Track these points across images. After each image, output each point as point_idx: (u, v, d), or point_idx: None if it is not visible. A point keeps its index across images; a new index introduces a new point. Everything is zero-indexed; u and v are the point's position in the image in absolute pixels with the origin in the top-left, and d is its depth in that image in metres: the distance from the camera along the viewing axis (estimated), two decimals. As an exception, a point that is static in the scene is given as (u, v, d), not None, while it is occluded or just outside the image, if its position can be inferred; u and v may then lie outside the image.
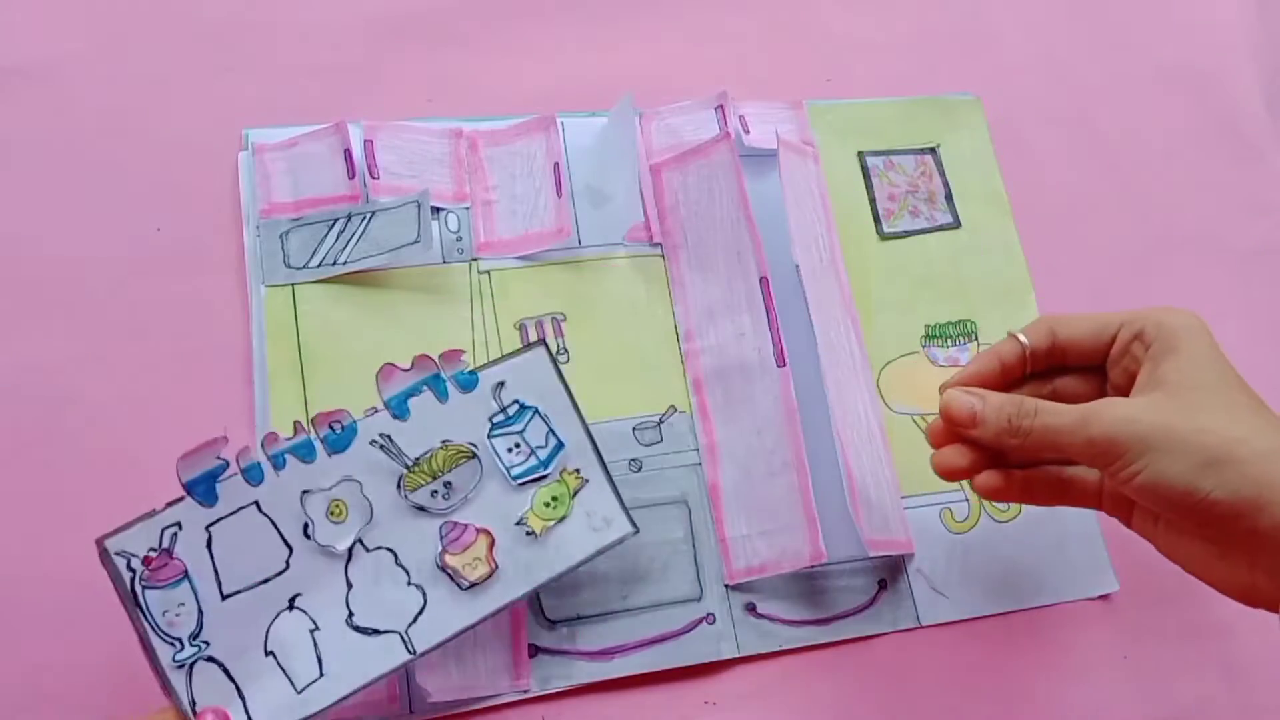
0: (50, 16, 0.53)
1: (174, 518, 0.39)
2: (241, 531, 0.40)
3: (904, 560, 0.50)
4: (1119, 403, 0.38)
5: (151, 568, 0.39)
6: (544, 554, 0.43)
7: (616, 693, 0.46)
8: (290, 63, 0.54)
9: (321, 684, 0.40)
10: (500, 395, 0.44)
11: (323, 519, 0.41)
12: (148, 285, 0.49)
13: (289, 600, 0.40)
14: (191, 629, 0.39)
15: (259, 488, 0.40)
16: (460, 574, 0.42)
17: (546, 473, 0.44)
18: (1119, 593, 0.52)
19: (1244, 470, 0.34)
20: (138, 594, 0.38)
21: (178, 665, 0.38)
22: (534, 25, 0.58)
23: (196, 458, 0.39)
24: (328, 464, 0.41)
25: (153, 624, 0.38)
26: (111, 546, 0.39)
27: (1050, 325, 0.42)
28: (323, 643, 0.40)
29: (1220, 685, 0.51)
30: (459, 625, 0.41)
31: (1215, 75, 0.66)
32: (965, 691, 0.49)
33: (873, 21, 0.63)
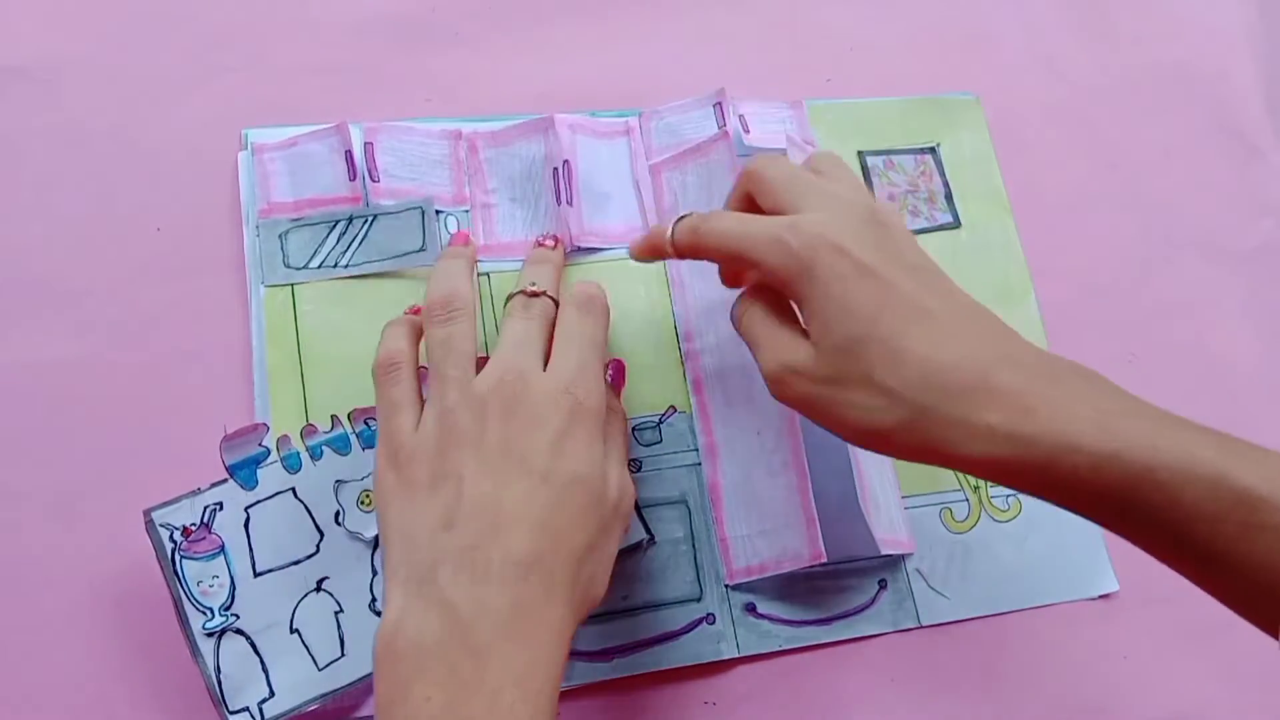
0: (50, 16, 0.53)
1: (216, 497, 0.42)
2: (277, 515, 0.43)
3: (904, 560, 0.50)
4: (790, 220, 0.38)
5: (190, 539, 0.42)
6: None
7: (616, 693, 0.46)
8: (290, 63, 0.54)
9: (342, 664, 0.42)
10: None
11: (354, 507, 0.43)
12: (148, 285, 0.49)
13: (317, 582, 0.43)
14: (223, 600, 0.42)
15: (296, 475, 0.43)
16: None
17: None
18: (1119, 593, 0.52)
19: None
20: (176, 563, 0.41)
21: (207, 633, 0.41)
22: (534, 25, 0.58)
23: (239, 442, 0.43)
24: (361, 457, 0.44)
25: (187, 592, 0.41)
26: (158, 518, 0.42)
27: (696, 228, 0.41)
28: (346, 625, 0.42)
29: (1220, 685, 0.51)
30: None
31: (1215, 75, 0.66)
32: (965, 691, 0.49)
33: (873, 21, 0.63)
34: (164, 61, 0.53)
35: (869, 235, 0.37)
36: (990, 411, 0.33)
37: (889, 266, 0.36)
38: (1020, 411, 0.33)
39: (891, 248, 0.37)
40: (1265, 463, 0.31)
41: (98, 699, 0.43)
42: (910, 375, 0.34)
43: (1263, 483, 0.30)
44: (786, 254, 0.37)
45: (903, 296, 0.35)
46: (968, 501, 0.52)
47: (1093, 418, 0.32)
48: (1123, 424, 0.32)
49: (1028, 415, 0.33)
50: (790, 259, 0.37)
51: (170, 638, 0.42)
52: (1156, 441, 0.31)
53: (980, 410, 0.33)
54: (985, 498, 0.53)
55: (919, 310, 0.35)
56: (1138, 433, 0.32)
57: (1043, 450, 0.32)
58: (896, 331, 0.35)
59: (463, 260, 0.44)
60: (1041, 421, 0.33)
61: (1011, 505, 0.53)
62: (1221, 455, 0.31)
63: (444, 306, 0.41)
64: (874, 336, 0.35)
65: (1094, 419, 0.32)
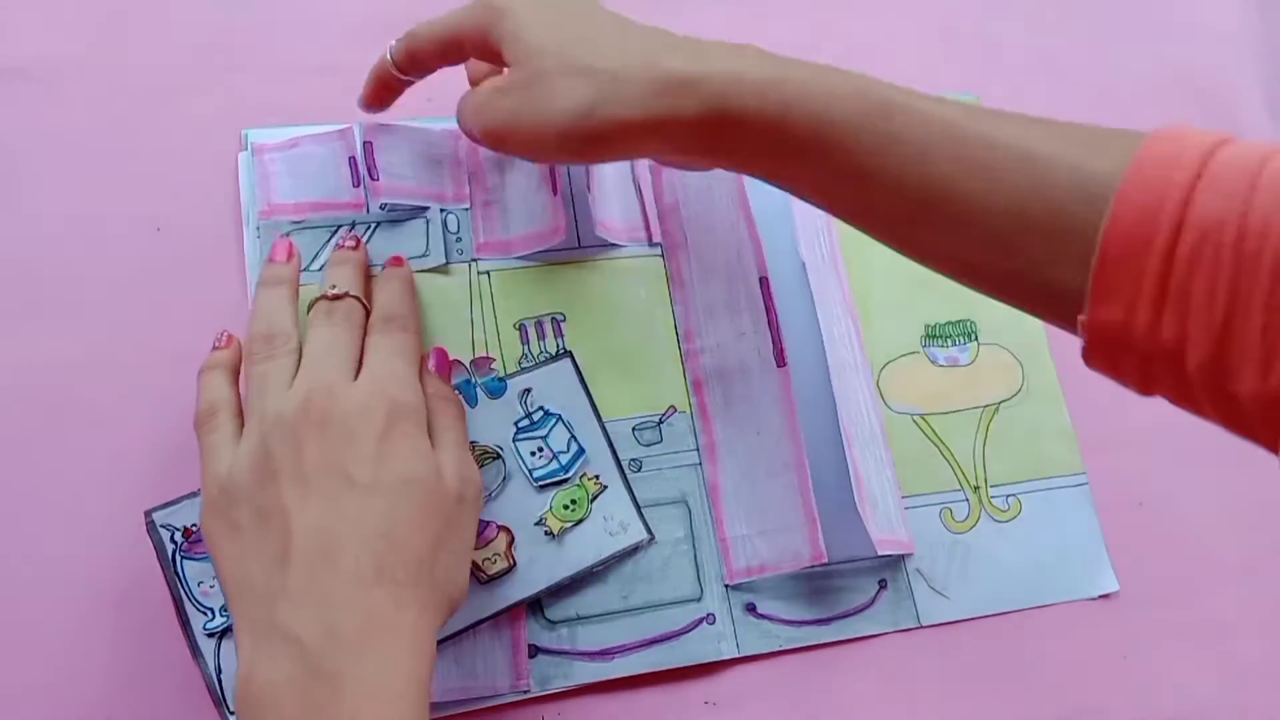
0: (50, 16, 0.53)
1: None
2: None
3: (904, 560, 0.50)
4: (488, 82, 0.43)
5: (191, 540, 0.42)
6: (561, 554, 0.45)
7: (616, 693, 0.46)
8: (290, 63, 0.54)
9: None
10: (526, 401, 0.46)
11: None
12: (148, 285, 0.49)
13: None
14: (223, 601, 0.41)
15: None
16: (480, 568, 0.44)
17: (567, 477, 0.46)
18: (1119, 593, 0.52)
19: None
20: (177, 564, 0.42)
21: (208, 634, 0.41)
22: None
23: None
24: None
25: (188, 592, 0.41)
26: (158, 519, 0.42)
27: (407, 42, 0.46)
28: None
29: (1220, 685, 0.51)
30: (476, 616, 0.43)
31: (1215, 75, 0.66)
32: (965, 691, 0.49)
33: (873, 21, 0.63)
34: (164, 61, 0.53)
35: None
36: (670, 58, 0.37)
37: (576, 5, 0.41)
38: (695, 56, 0.37)
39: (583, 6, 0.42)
40: (903, 88, 0.36)
41: (98, 699, 0.43)
42: (606, 49, 0.38)
43: (898, 94, 0.35)
44: (483, 5, 0.41)
45: (592, 11, 0.41)
46: (968, 501, 0.52)
47: (756, 58, 0.37)
48: (781, 63, 0.37)
49: (700, 57, 0.37)
50: (486, 9, 0.41)
51: (170, 638, 0.42)
52: (810, 72, 0.36)
53: (663, 58, 0.37)
54: (985, 498, 0.53)
55: (608, 16, 0.41)
56: (794, 66, 0.37)
57: (714, 87, 0.36)
58: (591, 27, 0.40)
59: (284, 288, 0.43)
60: (712, 61, 0.37)
61: (1011, 505, 0.53)
62: (866, 79, 0.36)
63: (265, 343, 0.40)
64: (570, 35, 0.39)
65: (757, 59, 0.37)
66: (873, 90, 0.35)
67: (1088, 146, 0.32)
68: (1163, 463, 0.55)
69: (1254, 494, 0.55)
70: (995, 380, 0.55)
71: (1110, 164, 0.31)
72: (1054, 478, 0.54)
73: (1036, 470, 0.54)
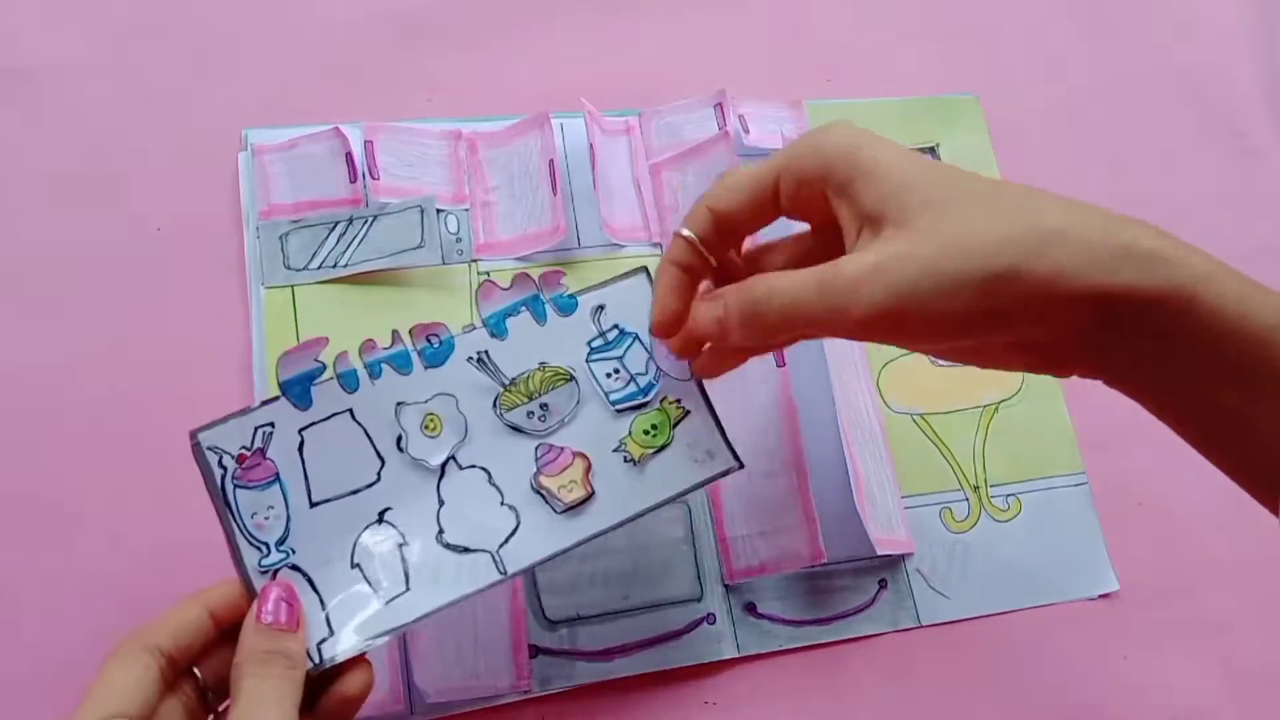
0: (50, 16, 0.53)
1: (268, 417, 0.38)
2: (334, 438, 0.39)
3: (904, 560, 0.51)
4: (852, 259, 0.32)
5: (245, 466, 0.38)
6: (643, 483, 0.41)
7: (616, 693, 0.46)
8: (290, 63, 0.54)
9: (408, 598, 0.38)
10: (600, 319, 0.42)
11: (417, 432, 0.40)
12: (148, 285, 0.49)
13: (378, 513, 0.39)
14: (279, 535, 0.38)
15: (354, 395, 0.39)
16: (556, 496, 0.40)
17: (646, 400, 0.42)
18: (1119, 593, 0.52)
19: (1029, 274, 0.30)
20: (228, 493, 0.38)
21: (262, 570, 0.37)
22: (533, 25, 0.58)
23: (294, 358, 0.39)
24: (424, 377, 0.40)
25: (240, 526, 0.38)
26: (204, 440, 0.38)
27: (706, 205, 0.37)
28: (411, 558, 0.39)
29: (1220, 685, 0.51)
30: (553, 549, 0.39)
31: (1215, 75, 0.66)
32: (965, 691, 0.49)
33: (873, 21, 0.63)
34: (164, 61, 0.53)
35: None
36: (1127, 231, 0.31)
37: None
38: (1155, 234, 0.31)
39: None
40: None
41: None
42: (1014, 196, 0.32)
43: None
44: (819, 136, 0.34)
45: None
46: (968, 501, 0.52)
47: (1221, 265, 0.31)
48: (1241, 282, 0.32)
49: (1163, 237, 0.31)
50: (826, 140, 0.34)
51: (170, 638, 0.42)
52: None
53: (1118, 231, 0.31)
54: (985, 497, 0.53)
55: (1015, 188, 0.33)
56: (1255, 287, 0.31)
57: (1195, 268, 0.30)
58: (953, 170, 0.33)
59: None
60: (1181, 251, 0.30)
61: (1011, 505, 0.53)
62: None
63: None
64: (951, 175, 0.32)
65: (1223, 266, 0.31)
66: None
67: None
68: (1163, 463, 0.55)
69: (1254, 494, 0.55)
70: (995, 380, 0.55)
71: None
72: (1054, 477, 0.54)
73: (1036, 470, 0.54)
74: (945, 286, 0.30)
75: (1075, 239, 0.30)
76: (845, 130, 0.34)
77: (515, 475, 0.40)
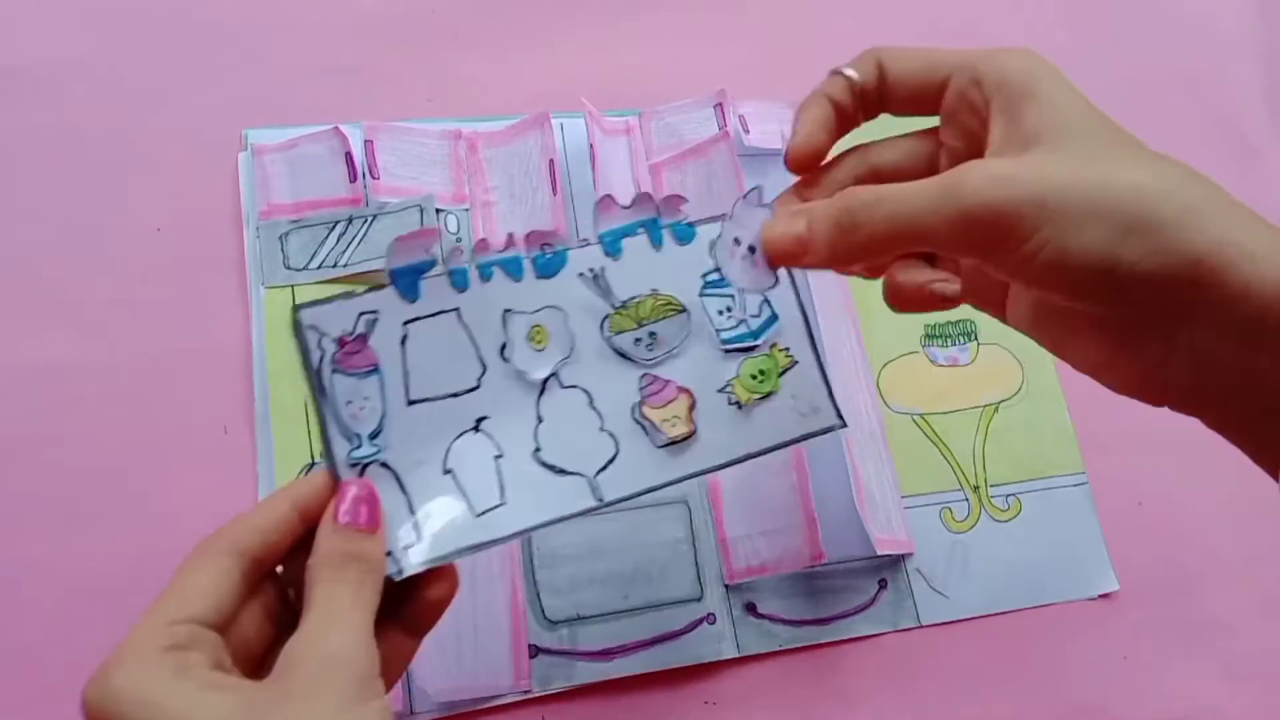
0: (50, 16, 0.53)
1: (373, 304, 0.36)
2: (439, 336, 0.37)
3: (904, 560, 0.51)
4: (989, 162, 0.30)
5: (345, 351, 0.36)
6: (747, 428, 0.39)
7: (616, 693, 0.46)
8: (290, 63, 0.54)
9: (501, 512, 0.36)
10: (717, 253, 0.40)
11: (522, 342, 0.38)
12: (148, 285, 0.49)
13: (475, 421, 0.37)
14: (372, 428, 0.36)
15: (463, 295, 0.37)
16: (658, 429, 0.38)
17: (756, 344, 0.40)
18: (1119, 593, 0.52)
19: (1178, 233, 0.27)
20: (324, 377, 0.36)
21: (352, 463, 0.35)
22: (533, 25, 0.58)
23: (408, 246, 0.37)
24: (534, 287, 0.38)
25: (335, 412, 0.36)
26: (306, 318, 0.36)
27: (878, 57, 0.35)
28: (506, 471, 0.37)
29: (1220, 685, 0.51)
30: (650, 482, 0.38)
31: (1215, 75, 0.66)
32: (965, 691, 0.49)
33: (873, 21, 0.63)
34: (164, 61, 0.53)
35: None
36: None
37: None
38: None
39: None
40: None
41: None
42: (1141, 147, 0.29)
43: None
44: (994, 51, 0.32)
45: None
46: (968, 501, 0.52)
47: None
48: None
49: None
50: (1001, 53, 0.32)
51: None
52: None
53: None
54: (985, 497, 0.53)
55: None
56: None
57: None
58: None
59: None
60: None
61: (1011, 505, 0.53)
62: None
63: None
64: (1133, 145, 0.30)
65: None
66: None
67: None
68: (1163, 463, 0.55)
69: (1254, 494, 0.55)
70: (995, 380, 0.55)
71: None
72: (1054, 478, 0.54)
73: (1036, 470, 0.54)
74: (1074, 211, 0.27)
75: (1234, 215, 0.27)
76: (1032, 56, 0.32)
77: (617, 402, 0.38)
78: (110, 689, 0.27)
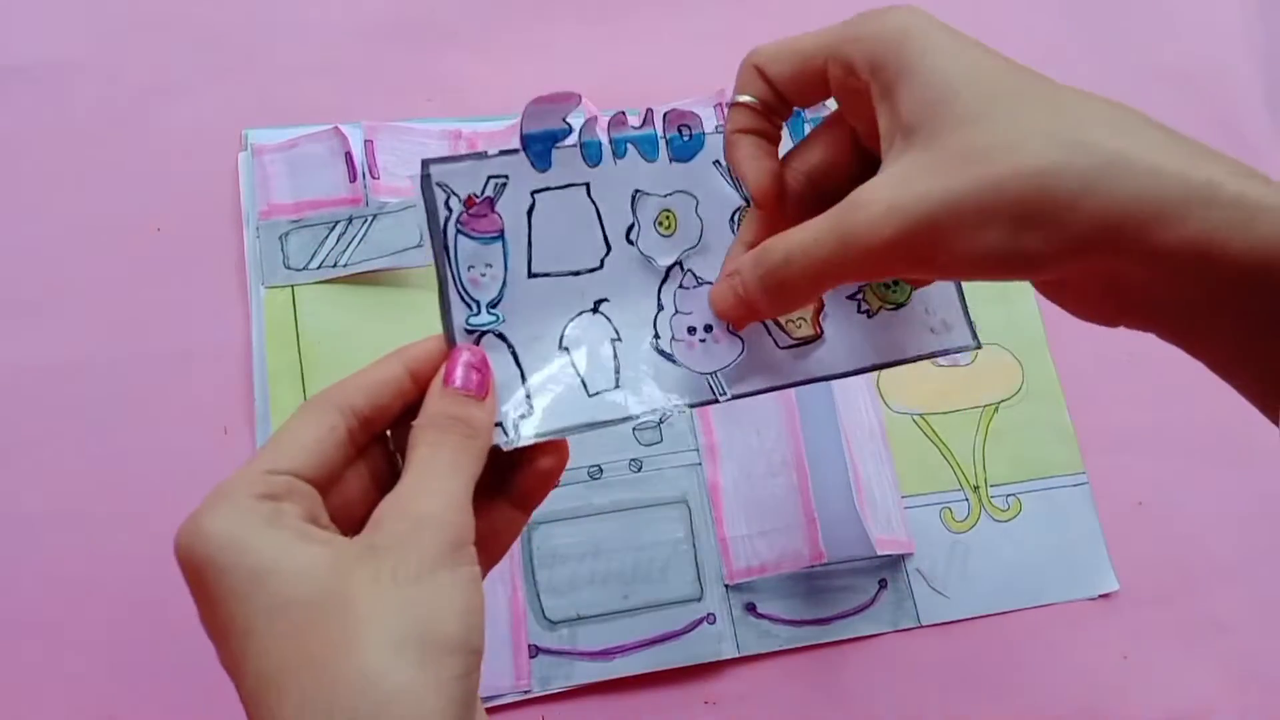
0: (50, 16, 0.53)
1: (503, 168, 0.35)
2: (566, 210, 0.36)
3: (904, 560, 0.51)
4: (873, 194, 0.28)
5: (472, 213, 0.35)
6: (875, 337, 0.37)
7: (616, 693, 0.46)
8: (290, 63, 0.54)
9: (616, 395, 0.35)
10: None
11: (650, 226, 0.37)
12: (148, 285, 0.49)
13: (595, 302, 0.36)
14: (492, 296, 0.35)
15: (594, 169, 0.36)
16: (782, 329, 0.36)
17: None
18: (1119, 593, 0.52)
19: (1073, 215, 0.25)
20: (448, 236, 0.34)
21: (469, 330, 0.34)
22: (533, 25, 0.58)
23: (541, 110, 0.36)
24: (667, 170, 0.37)
25: (456, 275, 0.34)
26: (435, 174, 0.34)
27: (756, 65, 0.33)
28: (623, 356, 0.35)
29: (1220, 685, 0.51)
30: (772, 382, 0.36)
31: (1215, 75, 0.66)
32: (965, 691, 0.49)
33: (873, 21, 0.63)
34: (164, 61, 0.53)
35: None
36: (1204, 163, 0.25)
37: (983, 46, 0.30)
38: (1234, 170, 0.25)
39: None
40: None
41: (98, 699, 0.43)
42: (1077, 110, 0.27)
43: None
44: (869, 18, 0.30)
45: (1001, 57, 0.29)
46: (968, 501, 0.52)
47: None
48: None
49: (1248, 177, 0.25)
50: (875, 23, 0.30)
51: (171, 638, 0.42)
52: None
53: (1196, 162, 0.25)
54: (985, 497, 0.53)
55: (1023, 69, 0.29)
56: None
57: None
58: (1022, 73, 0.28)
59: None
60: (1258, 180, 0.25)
61: (1011, 505, 0.53)
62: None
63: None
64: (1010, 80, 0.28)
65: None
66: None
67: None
68: (1163, 463, 0.55)
69: (1254, 494, 0.55)
70: (995, 380, 0.55)
71: None
72: (1054, 478, 0.54)
73: (1036, 470, 0.54)
74: (968, 221, 0.26)
75: (1141, 170, 0.25)
76: (903, 14, 0.29)
77: None
78: (200, 531, 0.26)
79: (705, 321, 0.36)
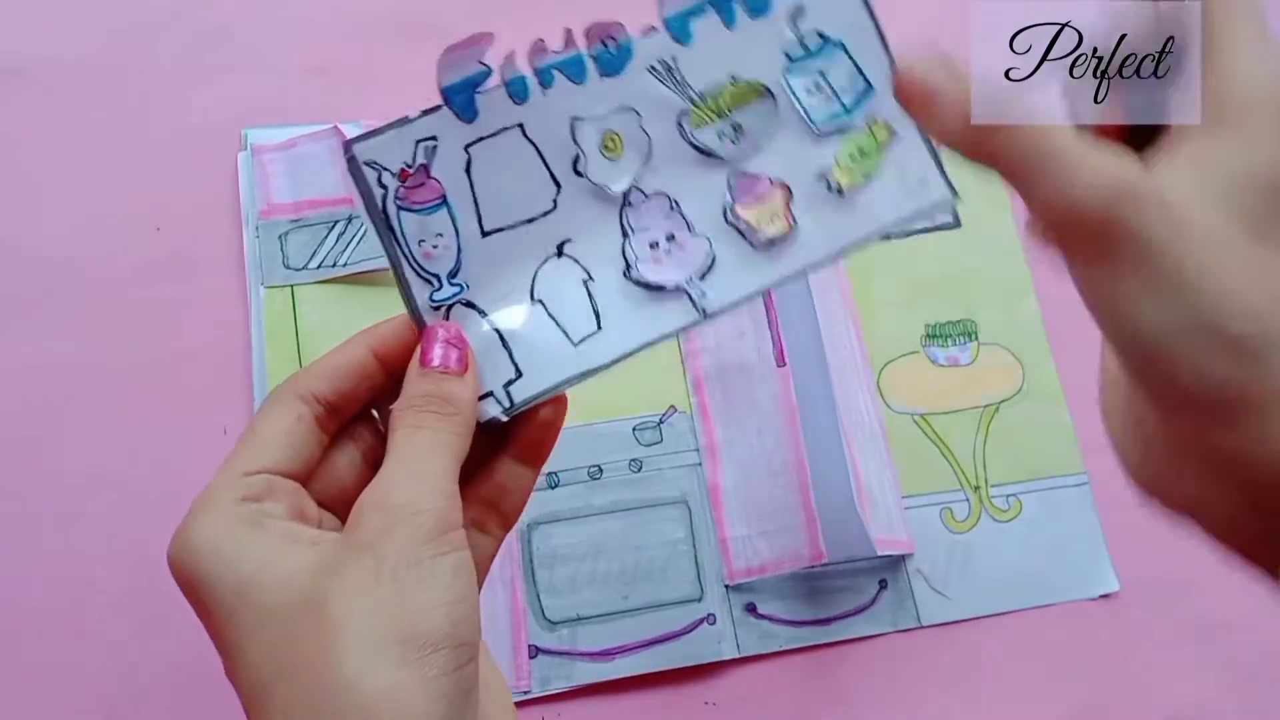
0: (50, 16, 0.53)
1: (429, 129, 0.33)
2: (504, 158, 0.34)
3: (904, 560, 0.50)
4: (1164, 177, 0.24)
5: (407, 185, 0.33)
6: (850, 214, 0.35)
7: (616, 693, 0.46)
8: (290, 63, 0.54)
9: (600, 338, 0.34)
10: (798, 24, 0.36)
11: (595, 153, 0.35)
12: (148, 285, 0.49)
13: (557, 245, 0.34)
14: (450, 266, 0.34)
15: (524, 107, 0.34)
16: (754, 229, 0.35)
17: (852, 121, 0.35)
18: (1119, 593, 0.52)
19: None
20: (390, 216, 0.33)
21: (434, 306, 0.33)
22: (533, 26, 0.58)
23: (456, 58, 0.34)
24: (600, 88, 0.35)
25: (408, 254, 0.33)
26: (361, 153, 0.32)
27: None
28: (598, 295, 0.34)
29: (1220, 685, 0.51)
30: (753, 286, 0.35)
31: (1216, 75, 0.66)
32: (965, 691, 0.49)
33: (873, 21, 0.63)
34: (164, 61, 0.53)
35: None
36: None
37: None
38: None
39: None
40: None
41: (98, 698, 0.43)
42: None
43: None
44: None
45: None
46: (968, 501, 0.52)
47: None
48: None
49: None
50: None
51: (170, 637, 0.42)
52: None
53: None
54: (985, 498, 0.53)
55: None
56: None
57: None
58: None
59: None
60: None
61: (1012, 505, 0.53)
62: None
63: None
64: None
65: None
66: None
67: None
68: (1163, 463, 0.55)
69: (1254, 494, 0.55)
70: (995, 380, 0.55)
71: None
72: (1054, 478, 0.54)
73: (1037, 470, 0.54)
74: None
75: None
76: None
77: (706, 206, 0.35)
78: (188, 546, 0.26)
79: (666, 231, 0.35)
